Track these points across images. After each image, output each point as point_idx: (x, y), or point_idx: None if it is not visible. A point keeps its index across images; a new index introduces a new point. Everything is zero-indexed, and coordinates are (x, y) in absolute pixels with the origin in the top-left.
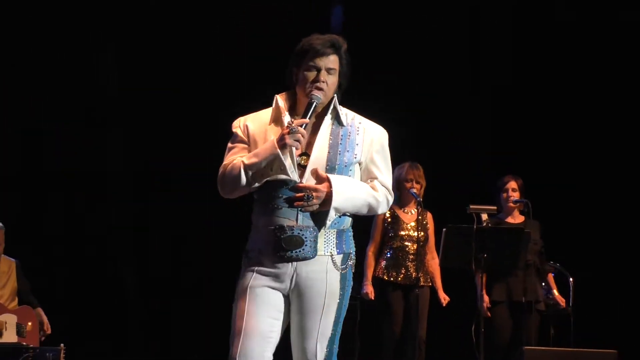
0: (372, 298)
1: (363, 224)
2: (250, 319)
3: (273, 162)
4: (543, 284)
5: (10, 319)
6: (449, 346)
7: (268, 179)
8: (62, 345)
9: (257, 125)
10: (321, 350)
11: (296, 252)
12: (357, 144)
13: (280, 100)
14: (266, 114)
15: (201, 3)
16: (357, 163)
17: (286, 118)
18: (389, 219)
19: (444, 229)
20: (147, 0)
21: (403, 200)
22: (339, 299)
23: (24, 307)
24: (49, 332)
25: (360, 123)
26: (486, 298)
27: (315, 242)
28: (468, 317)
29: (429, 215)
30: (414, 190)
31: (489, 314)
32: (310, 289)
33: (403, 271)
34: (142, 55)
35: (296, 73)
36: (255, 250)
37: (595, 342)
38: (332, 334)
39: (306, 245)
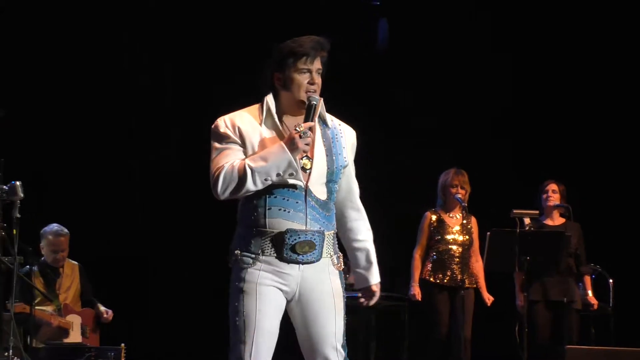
0: (419, 299)
1: (411, 228)
2: (262, 318)
3: (284, 166)
4: (579, 284)
5: (76, 320)
6: (493, 346)
7: (274, 182)
8: (122, 345)
9: (247, 125)
10: (341, 353)
11: (307, 256)
12: (343, 147)
13: (271, 101)
14: (250, 114)
15: (244, 26)
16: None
17: (289, 121)
18: (435, 223)
19: (488, 233)
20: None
21: (448, 205)
22: (343, 296)
23: (87, 310)
24: (109, 318)
25: (339, 124)
26: (521, 296)
27: (322, 245)
28: (511, 317)
29: (474, 220)
30: (459, 196)
31: (524, 310)
32: (316, 292)
33: (448, 273)
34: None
35: (281, 77)
36: (256, 253)
37: (635, 342)
38: (344, 332)
39: (317, 249)
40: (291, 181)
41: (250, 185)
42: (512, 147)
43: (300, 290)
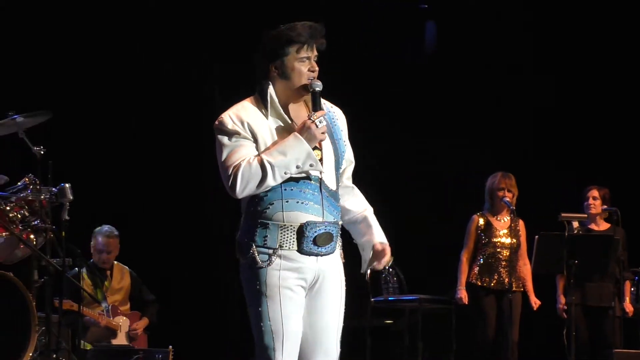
0: (466, 303)
1: (459, 231)
2: (288, 322)
3: (303, 158)
4: (620, 290)
5: (124, 322)
6: (540, 349)
7: (293, 174)
8: (170, 347)
9: (254, 119)
10: (338, 346)
11: (326, 248)
12: (341, 131)
13: (272, 92)
14: (253, 106)
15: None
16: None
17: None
18: (482, 227)
19: (537, 236)
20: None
21: (496, 208)
22: (345, 289)
23: (134, 312)
24: (139, 332)
25: (332, 107)
26: (562, 299)
27: (337, 236)
28: (559, 320)
29: (521, 223)
30: (507, 199)
31: (564, 315)
32: (328, 283)
33: (495, 277)
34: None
35: (279, 65)
36: (274, 247)
37: None
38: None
39: (334, 240)
40: (312, 172)
41: (270, 181)
42: (560, 149)
43: (316, 281)
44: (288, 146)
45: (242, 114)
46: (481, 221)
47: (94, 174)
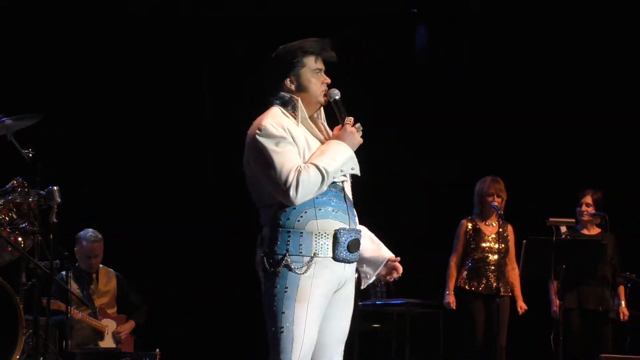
0: (454, 308)
1: (446, 235)
2: (310, 328)
3: (347, 162)
4: (614, 294)
5: (111, 325)
6: (529, 353)
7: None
8: (157, 350)
9: (291, 127)
10: (342, 353)
11: (355, 255)
12: None
13: (300, 104)
14: (283, 114)
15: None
16: None
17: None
18: (471, 231)
19: (525, 241)
20: None
21: (485, 213)
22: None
23: (121, 316)
24: (122, 336)
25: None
26: (557, 302)
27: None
28: (547, 325)
29: (510, 228)
30: (495, 204)
31: (560, 318)
32: (347, 290)
33: (484, 281)
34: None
35: (294, 79)
36: (309, 255)
37: None
38: None
39: (359, 247)
40: (338, 179)
41: (324, 187)
42: (549, 154)
43: (340, 288)
44: (336, 152)
45: (280, 121)
46: (470, 226)
47: (83, 176)
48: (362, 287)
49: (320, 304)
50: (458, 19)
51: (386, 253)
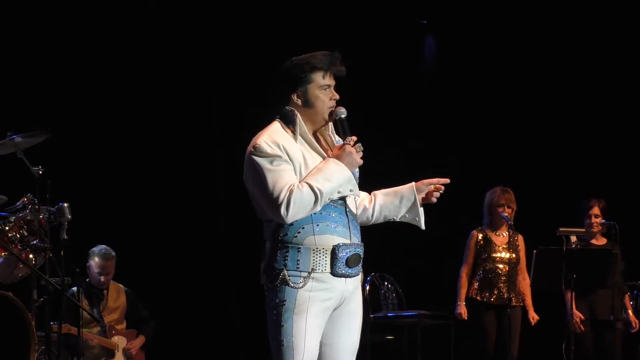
0: (465, 318)
1: (457, 246)
2: (310, 339)
3: (345, 184)
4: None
5: (121, 341)
6: None
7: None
8: None
9: (288, 144)
10: None
11: (355, 269)
12: None
13: (300, 119)
14: (281, 130)
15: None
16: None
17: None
18: (482, 242)
19: (535, 251)
20: None
21: (495, 224)
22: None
23: (131, 331)
24: (133, 351)
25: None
26: (577, 313)
27: (362, 257)
28: (559, 335)
29: (520, 238)
30: (506, 214)
31: (582, 327)
32: (351, 304)
33: (495, 292)
34: None
35: (301, 94)
36: (307, 270)
37: None
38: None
39: (360, 261)
40: (351, 194)
41: (318, 207)
42: (559, 164)
43: (341, 303)
44: (332, 172)
45: (276, 138)
46: (480, 236)
47: (93, 193)
48: (423, 229)
49: (319, 317)
50: (469, 32)
51: (405, 189)
